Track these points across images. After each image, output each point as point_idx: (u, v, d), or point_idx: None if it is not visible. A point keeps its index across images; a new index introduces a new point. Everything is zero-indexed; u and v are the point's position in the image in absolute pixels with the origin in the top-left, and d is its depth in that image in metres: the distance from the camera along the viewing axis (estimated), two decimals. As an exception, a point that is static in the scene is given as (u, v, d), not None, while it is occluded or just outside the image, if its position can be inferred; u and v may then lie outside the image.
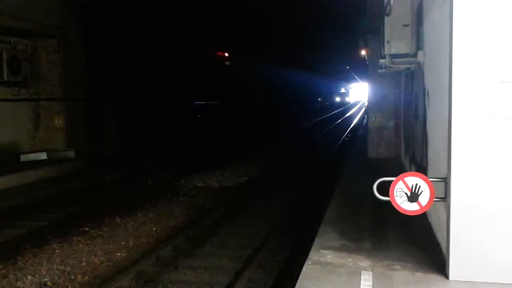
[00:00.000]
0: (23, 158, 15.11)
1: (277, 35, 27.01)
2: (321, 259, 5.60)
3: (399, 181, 5.05)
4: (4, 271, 7.27)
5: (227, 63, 28.67)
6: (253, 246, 8.22)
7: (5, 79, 14.73)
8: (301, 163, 17.59)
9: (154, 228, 9.64)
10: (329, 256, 5.67)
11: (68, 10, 16.31)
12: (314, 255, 5.72)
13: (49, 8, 15.53)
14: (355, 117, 47.71)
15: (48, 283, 7.01)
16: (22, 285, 6.94)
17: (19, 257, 7.91)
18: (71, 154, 16.02)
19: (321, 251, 5.87)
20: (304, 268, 5.32)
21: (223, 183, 14.12)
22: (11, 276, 7.21)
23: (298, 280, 4.99)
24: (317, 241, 6.27)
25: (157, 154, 18.88)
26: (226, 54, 27.04)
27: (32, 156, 15.30)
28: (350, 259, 5.56)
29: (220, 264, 7.58)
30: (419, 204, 5.02)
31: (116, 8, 18.01)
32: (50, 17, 15.60)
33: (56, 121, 16.56)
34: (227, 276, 7.00)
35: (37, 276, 7.24)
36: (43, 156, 15.41)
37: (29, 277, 7.20)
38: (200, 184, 13.95)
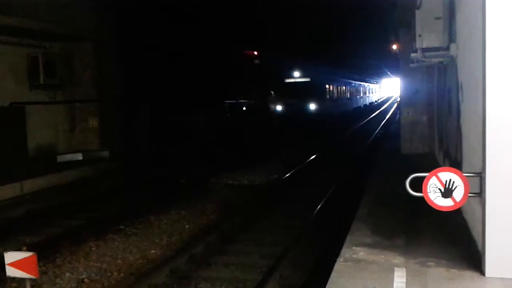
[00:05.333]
0: (59, 158, 15.52)
1: (305, 31, 26.97)
2: (354, 256, 5.56)
3: (432, 176, 4.95)
4: (44, 268, 7.50)
5: (257, 61, 28.76)
6: (285, 244, 8.22)
7: (42, 82, 15.19)
8: (333, 160, 17.51)
9: (186, 226, 9.77)
10: (361, 253, 5.62)
11: (100, 12, 16.65)
12: (346, 252, 5.68)
13: (82, 11, 15.90)
14: (387, 113, 46.98)
15: (85, 279, 7.21)
16: (60, 282, 7.15)
17: (58, 255, 8.16)
18: (105, 154, 16.36)
19: (354, 248, 5.82)
20: (336, 265, 5.28)
21: (254, 181, 14.16)
22: (50, 273, 7.44)
23: (330, 277, 4.96)
24: (349, 238, 6.22)
25: (190, 153, 19.06)
26: (256, 53, 27.13)
27: (69, 157, 15.70)
28: (382, 256, 5.49)
29: (252, 261, 7.63)
30: (453, 200, 4.91)
31: (148, 8, 18.25)
32: (83, 19, 15.97)
33: (91, 122, 16.97)
34: (259, 273, 7.03)
35: (75, 273, 7.45)
36: (79, 156, 15.79)
37: (67, 274, 7.42)
38: (231, 182, 14.04)
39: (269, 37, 26.62)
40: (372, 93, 69.49)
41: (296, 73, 31.93)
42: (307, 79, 32.07)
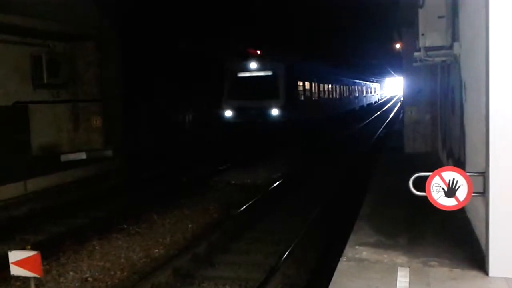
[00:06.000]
0: (63, 158, 15.55)
1: (310, 30, 26.71)
2: (357, 255, 5.56)
3: (435, 176, 4.95)
4: (48, 267, 7.53)
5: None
6: (287, 244, 8.22)
7: (45, 81, 15.22)
8: (336, 158, 17.49)
9: (190, 225, 9.79)
10: (365, 253, 5.62)
11: (103, 11, 16.67)
12: (349, 251, 5.68)
13: (85, 10, 15.92)
14: (390, 112, 46.82)
15: (89, 278, 7.23)
16: (64, 281, 7.17)
17: (61, 254, 8.18)
18: (109, 153, 16.39)
19: (357, 247, 5.82)
20: (339, 265, 5.29)
21: (256, 179, 14.15)
22: (54, 272, 7.46)
23: (333, 277, 4.96)
24: (352, 237, 6.22)
25: (193, 152, 19.07)
26: (258, 52, 26.88)
27: (72, 156, 15.73)
28: (386, 256, 5.50)
29: (255, 260, 7.63)
30: (457, 199, 4.91)
31: (150, 7, 18.25)
32: (86, 19, 16.00)
33: (94, 121, 17.00)
34: (262, 272, 7.03)
35: (79, 272, 7.47)
36: (83, 156, 15.81)
37: (71, 273, 7.44)
38: (233, 181, 14.04)
39: (268, 36, 26.44)
40: (371, 92, 57.35)
41: (253, 64, 21.75)
42: (268, 72, 21.57)
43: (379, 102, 67.17)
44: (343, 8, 20.34)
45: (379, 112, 46.00)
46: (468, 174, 4.95)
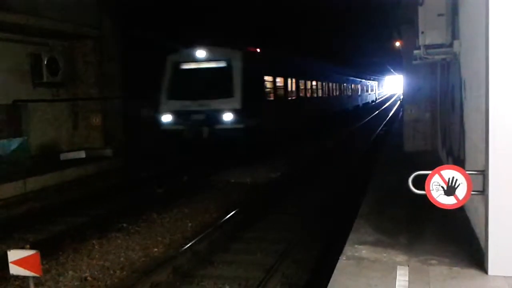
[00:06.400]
0: (62, 156, 15.55)
1: (311, 27, 26.55)
2: (356, 254, 5.55)
3: (435, 174, 4.95)
4: (47, 266, 7.52)
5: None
6: (288, 241, 8.22)
7: (45, 80, 15.21)
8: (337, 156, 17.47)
9: (189, 224, 9.78)
10: (364, 251, 5.62)
11: (102, 11, 16.66)
12: (349, 250, 5.67)
13: (85, 9, 15.91)
14: (390, 110, 46.78)
15: (88, 278, 7.22)
16: (63, 280, 7.16)
17: (61, 253, 8.17)
18: (108, 152, 16.38)
19: (356, 246, 5.81)
20: (338, 263, 5.28)
21: (257, 178, 14.15)
22: (53, 271, 7.45)
23: (333, 276, 4.95)
24: (351, 236, 6.21)
25: (193, 151, 19.00)
26: (258, 50, 26.83)
27: (71, 155, 15.73)
28: (385, 254, 5.49)
29: (254, 259, 7.62)
30: (456, 198, 4.90)
31: (149, 5, 18.21)
32: (86, 18, 15.98)
33: (94, 119, 17.00)
34: (261, 271, 7.03)
35: (78, 271, 7.46)
36: (82, 154, 15.81)
37: (70, 272, 7.43)
38: (233, 180, 14.03)
39: (268, 36, 26.38)
40: (367, 91, 53.05)
41: (200, 53, 16.14)
42: (221, 63, 16.21)
43: (377, 101, 62.68)
44: (342, 6, 20.26)
45: (376, 112, 45.14)
46: (467, 172, 4.94)
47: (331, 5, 19.63)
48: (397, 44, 18.17)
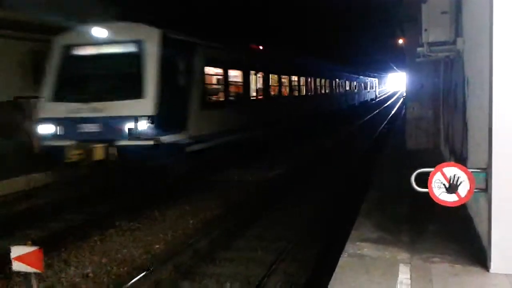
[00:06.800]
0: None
1: (315, 26, 26.44)
2: (358, 251, 5.55)
3: (437, 172, 4.94)
4: (49, 262, 7.53)
5: None
6: (288, 239, 8.22)
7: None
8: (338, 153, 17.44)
9: (191, 221, 9.78)
10: (366, 249, 5.61)
11: (105, 5, 16.61)
12: (351, 247, 5.67)
13: (86, 4, 15.85)
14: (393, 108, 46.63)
15: (90, 274, 7.23)
16: (65, 276, 7.18)
17: (63, 249, 8.19)
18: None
19: (358, 243, 5.81)
20: (340, 261, 5.27)
21: (258, 177, 14.13)
22: (55, 267, 7.47)
23: (334, 273, 4.95)
24: (353, 233, 6.21)
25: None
26: (261, 47, 26.72)
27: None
28: (387, 252, 5.48)
29: (256, 257, 7.63)
30: (458, 196, 4.89)
31: (150, 5, 18.20)
32: (88, 13, 15.93)
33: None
34: (263, 269, 7.04)
35: (80, 267, 7.48)
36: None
37: (72, 268, 7.44)
38: (235, 178, 14.02)
39: (275, 32, 26.33)
40: (366, 89, 50.35)
41: (98, 31, 11.45)
42: (130, 47, 11.15)
43: (378, 99, 59.53)
44: (343, 6, 20.19)
45: (377, 110, 44.32)
46: (470, 170, 4.93)
47: (332, 4, 19.57)
48: (400, 41, 18.15)
